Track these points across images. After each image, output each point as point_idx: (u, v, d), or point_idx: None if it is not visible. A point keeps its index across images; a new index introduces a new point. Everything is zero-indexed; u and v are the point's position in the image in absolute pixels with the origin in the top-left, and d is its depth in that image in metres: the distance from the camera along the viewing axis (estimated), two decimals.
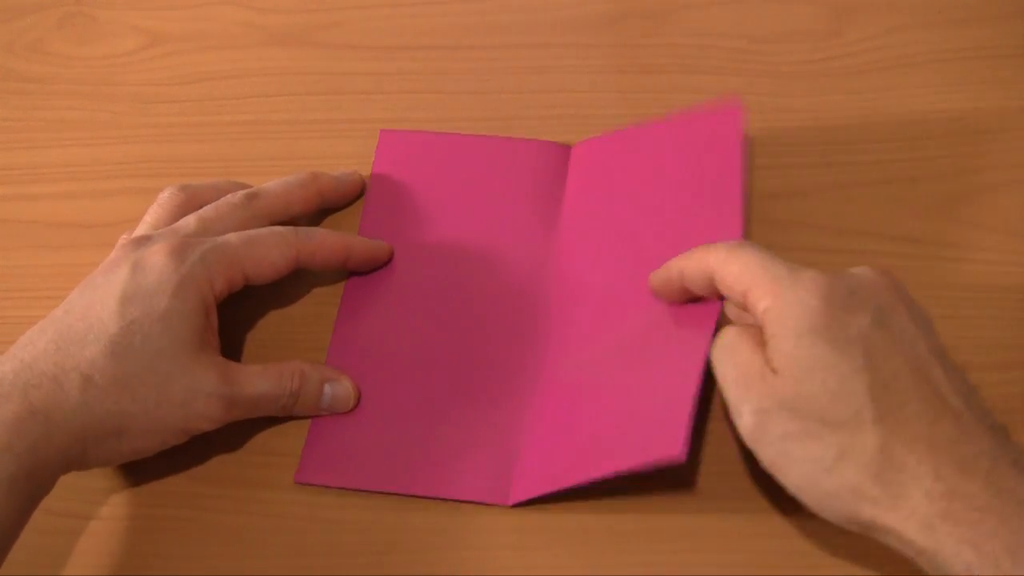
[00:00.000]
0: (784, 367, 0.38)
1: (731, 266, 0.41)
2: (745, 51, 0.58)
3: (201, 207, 0.49)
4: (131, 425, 0.42)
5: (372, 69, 0.59)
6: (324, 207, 0.53)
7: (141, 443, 0.44)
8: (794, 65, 0.57)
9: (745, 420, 0.39)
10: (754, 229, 0.52)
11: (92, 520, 0.47)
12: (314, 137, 0.56)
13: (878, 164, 0.54)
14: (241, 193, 0.49)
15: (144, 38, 0.60)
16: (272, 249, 0.47)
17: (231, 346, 0.50)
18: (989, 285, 0.50)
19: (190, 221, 0.47)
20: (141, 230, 0.49)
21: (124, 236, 0.49)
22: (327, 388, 0.47)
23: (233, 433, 0.47)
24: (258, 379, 0.45)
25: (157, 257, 0.44)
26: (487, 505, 0.46)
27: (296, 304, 0.52)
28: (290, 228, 0.48)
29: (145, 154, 0.57)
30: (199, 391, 0.43)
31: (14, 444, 0.40)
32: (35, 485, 0.41)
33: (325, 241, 0.49)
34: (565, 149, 0.54)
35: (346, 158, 0.55)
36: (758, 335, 0.40)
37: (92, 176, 0.56)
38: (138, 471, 0.47)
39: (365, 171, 0.55)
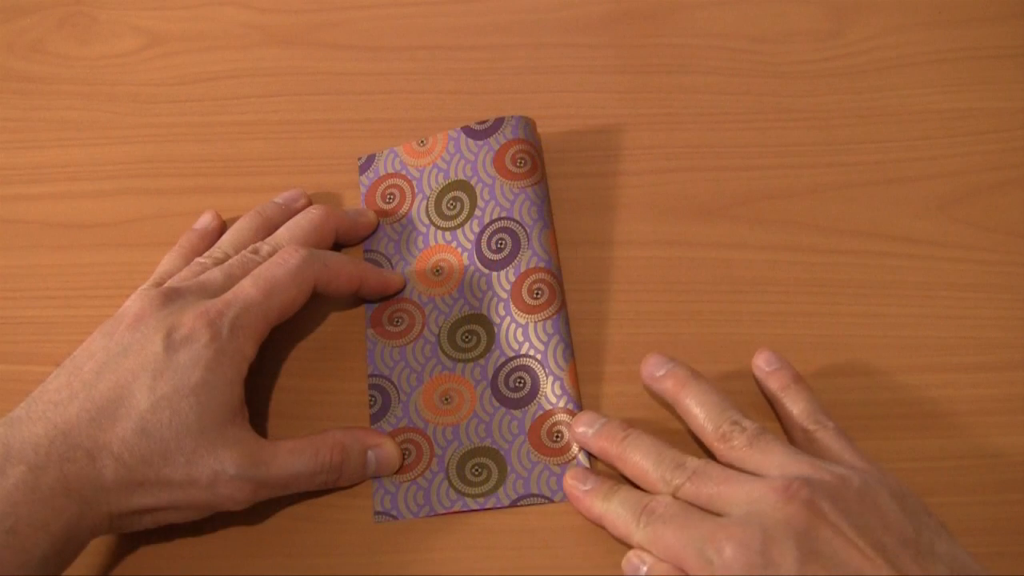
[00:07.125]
0: None
1: (659, 542, 0.41)
2: (745, 51, 0.58)
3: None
4: (157, 505, 0.42)
5: (372, 69, 0.59)
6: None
7: (166, 518, 0.43)
8: (794, 65, 0.57)
9: None
10: (754, 229, 0.52)
11: None
12: (314, 137, 0.56)
13: (878, 164, 0.54)
14: (266, 249, 0.48)
15: (144, 38, 0.60)
16: (291, 289, 0.46)
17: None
18: (989, 285, 0.51)
19: (217, 279, 0.46)
20: (168, 265, 0.49)
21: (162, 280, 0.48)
22: (370, 455, 0.46)
23: None
24: (290, 458, 0.44)
25: (189, 329, 0.43)
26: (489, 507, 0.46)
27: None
28: (303, 255, 0.47)
29: (145, 154, 0.56)
30: (224, 473, 0.42)
31: (50, 523, 0.40)
32: (65, 560, 0.41)
33: (341, 269, 0.48)
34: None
35: (346, 158, 0.55)
36: None
37: (92, 176, 0.56)
38: None
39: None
